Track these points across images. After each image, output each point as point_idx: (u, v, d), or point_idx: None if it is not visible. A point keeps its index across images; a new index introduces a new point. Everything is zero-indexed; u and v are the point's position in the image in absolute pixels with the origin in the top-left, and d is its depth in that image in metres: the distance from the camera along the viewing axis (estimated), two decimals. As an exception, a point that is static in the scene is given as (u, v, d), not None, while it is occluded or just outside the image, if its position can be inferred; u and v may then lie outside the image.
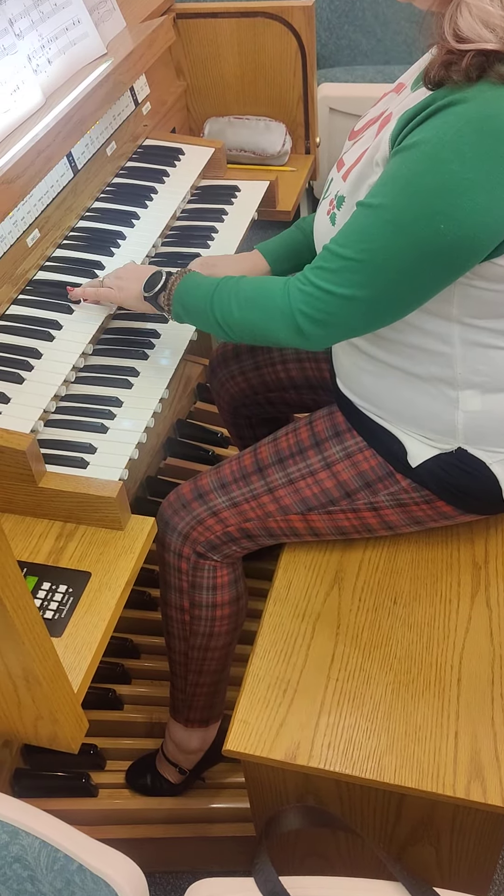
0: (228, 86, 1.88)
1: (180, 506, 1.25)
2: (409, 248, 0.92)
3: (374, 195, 0.95)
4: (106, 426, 1.19)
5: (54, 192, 1.40)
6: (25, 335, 1.26)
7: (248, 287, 1.11)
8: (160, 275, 1.21)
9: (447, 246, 0.90)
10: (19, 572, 0.79)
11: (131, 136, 1.66)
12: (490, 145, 0.85)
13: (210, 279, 1.17)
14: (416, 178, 0.89)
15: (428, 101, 0.89)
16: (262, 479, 1.21)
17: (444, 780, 1.01)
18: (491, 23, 0.84)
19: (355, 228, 0.97)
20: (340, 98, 2.50)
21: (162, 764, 1.51)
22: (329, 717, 1.09)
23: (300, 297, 1.03)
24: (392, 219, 0.92)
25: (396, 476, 1.16)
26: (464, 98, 0.86)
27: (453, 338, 1.05)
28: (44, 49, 1.36)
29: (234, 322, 1.11)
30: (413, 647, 1.15)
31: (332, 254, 0.99)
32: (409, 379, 1.11)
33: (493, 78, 0.85)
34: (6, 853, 0.86)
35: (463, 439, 1.13)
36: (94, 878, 0.83)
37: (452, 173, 0.87)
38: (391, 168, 0.93)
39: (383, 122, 1.02)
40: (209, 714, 1.43)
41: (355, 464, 1.17)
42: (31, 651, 0.84)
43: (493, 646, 1.14)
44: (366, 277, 0.97)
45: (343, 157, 1.11)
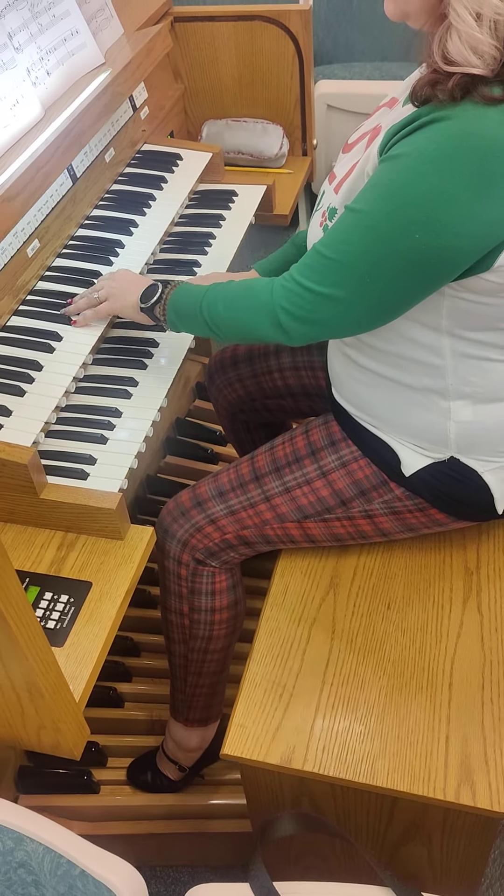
0: (226, 88, 1.89)
1: (179, 513, 1.28)
2: (386, 255, 0.96)
3: (358, 201, 0.98)
4: (105, 437, 1.21)
5: (53, 202, 1.42)
6: (26, 347, 1.28)
7: (234, 286, 1.16)
8: (156, 287, 1.24)
9: (422, 256, 0.93)
10: (22, 590, 0.82)
11: (130, 141, 1.67)
12: (469, 162, 0.88)
13: (200, 286, 1.22)
14: (396, 188, 0.93)
15: (414, 116, 0.92)
16: (258, 487, 1.24)
17: (435, 783, 1.04)
18: (479, 49, 0.86)
19: (339, 231, 1.01)
20: (338, 95, 2.50)
21: (162, 761, 1.54)
22: (324, 721, 1.12)
23: (283, 293, 1.07)
24: (371, 225, 0.96)
25: (390, 484, 1.19)
26: (447, 115, 0.88)
27: (444, 349, 1.07)
28: (42, 61, 1.37)
29: (221, 320, 1.15)
30: (406, 651, 1.18)
31: (317, 253, 1.03)
32: (401, 389, 1.13)
33: (476, 98, 0.87)
34: (11, 859, 0.90)
35: (455, 449, 1.15)
36: (96, 883, 0.86)
37: (431, 186, 0.90)
38: (375, 176, 0.97)
39: (373, 136, 1.04)
40: (208, 714, 1.46)
41: (350, 472, 1.20)
42: (34, 665, 0.86)
43: (484, 651, 1.16)
44: (344, 278, 1.00)
45: (335, 169, 1.14)
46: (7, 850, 0.90)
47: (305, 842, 1.16)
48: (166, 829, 1.53)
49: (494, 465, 1.16)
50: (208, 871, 1.61)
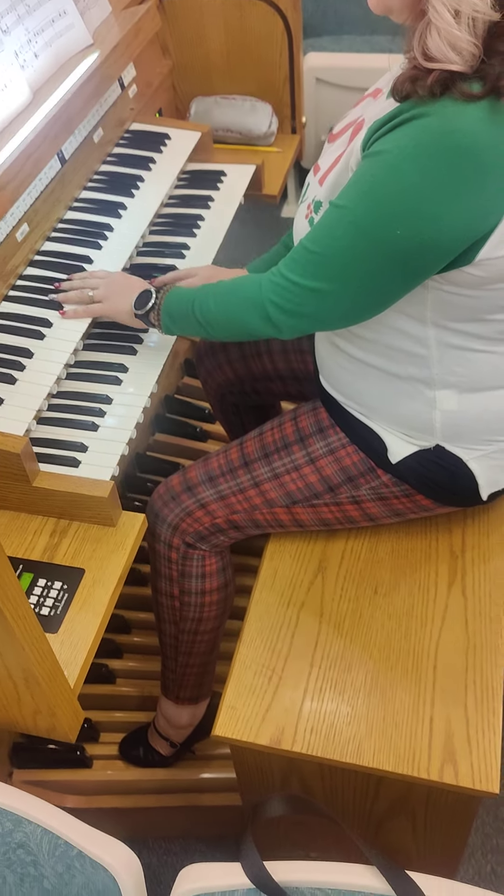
0: (214, 65, 1.88)
1: (170, 498, 1.30)
2: (368, 250, 0.98)
3: (341, 197, 1.00)
4: (97, 424, 1.23)
5: (42, 185, 1.41)
6: (17, 334, 1.29)
7: (224, 285, 1.18)
8: (150, 293, 1.26)
9: (404, 250, 0.95)
10: (18, 584, 0.84)
11: (118, 121, 1.66)
12: (448, 159, 0.89)
13: (191, 288, 1.24)
14: (377, 185, 0.94)
15: (395, 113, 0.93)
16: (248, 473, 1.26)
17: (420, 763, 1.08)
18: (457, 46, 0.87)
19: (324, 226, 1.03)
20: (327, 68, 2.48)
21: (153, 737, 1.58)
22: (312, 702, 1.15)
23: (271, 287, 1.09)
24: (354, 221, 0.97)
25: (377, 471, 1.21)
26: (427, 112, 0.89)
27: (429, 340, 1.09)
28: (30, 43, 1.36)
29: (213, 317, 1.18)
30: (392, 635, 1.21)
31: (303, 248, 1.05)
32: (387, 378, 1.15)
33: (455, 95, 0.88)
34: (10, 840, 0.93)
35: (441, 437, 1.17)
36: (93, 864, 0.89)
37: (411, 183, 0.91)
38: (357, 173, 0.98)
39: (357, 129, 1.05)
40: (199, 692, 1.49)
41: (338, 459, 1.22)
42: (30, 655, 0.88)
43: (468, 634, 1.20)
44: (331, 272, 1.02)
45: (319, 161, 1.14)
46: (6, 832, 0.93)
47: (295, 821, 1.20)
48: (158, 802, 1.57)
49: (479, 453, 1.18)
50: (199, 843, 1.66)
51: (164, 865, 1.64)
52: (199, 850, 1.65)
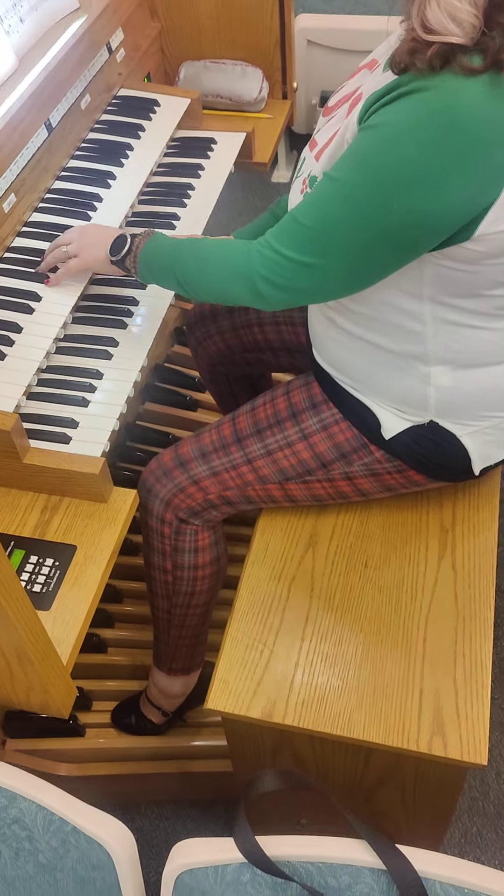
0: (204, 28, 1.84)
1: (162, 473, 1.30)
2: (361, 223, 0.96)
3: (335, 169, 0.98)
4: (87, 399, 1.22)
5: (29, 154, 1.38)
6: (5, 308, 1.27)
7: (209, 247, 1.15)
8: (125, 238, 1.23)
9: (399, 225, 0.94)
10: (10, 566, 0.84)
11: (106, 86, 1.63)
12: (446, 134, 0.88)
13: (173, 239, 1.21)
14: (373, 157, 0.93)
15: (393, 85, 0.91)
16: (241, 449, 1.26)
17: (409, 735, 1.10)
18: (458, 17, 0.85)
19: (316, 199, 1.01)
20: (318, 30, 2.43)
21: (146, 706, 1.59)
22: (303, 676, 1.16)
23: (261, 260, 1.07)
24: (348, 193, 0.96)
25: (370, 447, 1.21)
26: (426, 86, 0.87)
27: (425, 316, 1.08)
28: (15, 7, 1.32)
29: (194, 280, 1.16)
30: (382, 608, 1.22)
31: (295, 221, 1.03)
32: (382, 354, 1.14)
33: (455, 69, 0.86)
34: (5, 815, 0.94)
35: (434, 413, 1.17)
36: (88, 839, 0.91)
37: (408, 158, 0.90)
38: (353, 145, 0.97)
39: (354, 102, 1.03)
40: (191, 663, 1.51)
41: (331, 435, 1.22)
42: (23, 634, 0.89)
43: (458, 608, 1.21)
44: (323, 247, 1.01)
45: (315, 136, 1.12)
46: (1, 808, 0.94)
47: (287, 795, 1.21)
48: (150, 769, 1.60)
49: (473, 429, 1.18)
50: (191, 807, 1.69)
51: (155, 829, 1.67)
52: (190, 814, 1.68)
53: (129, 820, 1.67)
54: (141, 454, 1.97)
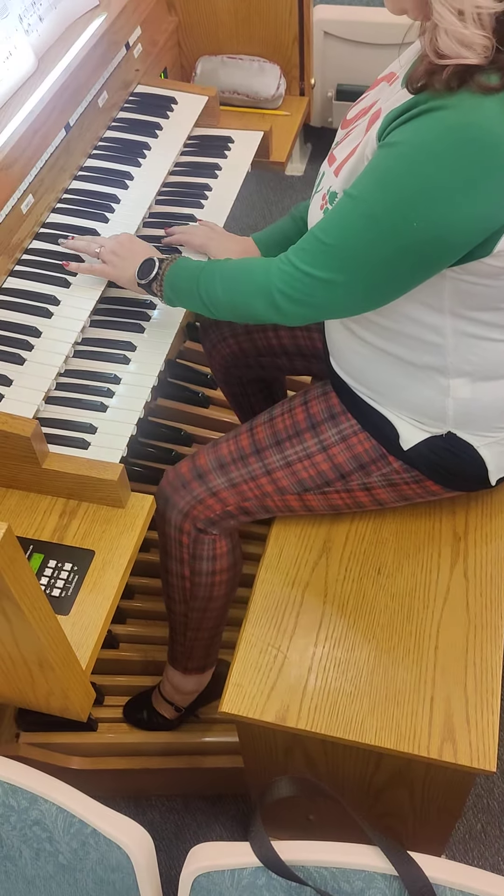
0: (221, 23, 1.83)
1: (180, 485, 1.30)
2: (382, 241, 0.97)
3: (356, 186, 0.99)
4: (105, 405, 1.23)
5: (47, 154, 1.38)
6: (24, 311, 1.28)
7: (231, 266, 1.17)
8: (153, 263, 1.24)
9: (419, 242, 0.95)
10: (34, 578, 0.85)
11: (123, 83, 1.62)
12: (466, 152, 0.88)
13: (197, 262, 1.23)
14: (393, 176, 0.94)
15: (412, 103, 0.92)
16: (259, 460, 1.27)
17: (420, 741, 1.12)
18: (467, 42, 0.86)
19: (337, 216, 1.02)
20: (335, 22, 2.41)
21: (158, 701, 1.62)
22: (316, 680, 1.18)
23: (280, 276, 1.08)
24: (368, 211, 0.97)
25: (389, 458, 1.22)
26: (445, 105, 0.88)
27: (445, 329, 1.09)
28: (35, 6, 1.32)
29: (218, 299, 1.17)
30: (395, 615, 1.23)
31: (315, 238, 1.04)
32: (401, 365, 1.15)
33: (473, 87, 0.87)
34: (26, 817, 0.96)
35: (453, 424, 1.18)
36: (107, 842, 0.93)
37: (428, 176, 0.90)
38: (373, 162, 0.97)
39: (373, 118, 1.04)
40: (205, 662, 1.53)
41: (350, 447, 1.23)
42: (45, 642, 0.90)
43: (469, 615, 1.22)
44: (343, 263, 1.01)
45: (334, 151, 1.13)
46: (22, 809, 0.96)
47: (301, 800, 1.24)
48: (162, 764, 1.62)
49: (490, 440, 1.19)
50: (201, 801, 1.72)
51: (166, 822, 1.69)
52: (200, 807, 1.71)
53: (141, 813, 1.70)
54: (153, 450, 1.98)
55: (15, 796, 0.96)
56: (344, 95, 2.68)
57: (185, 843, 1.66)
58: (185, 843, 1.66)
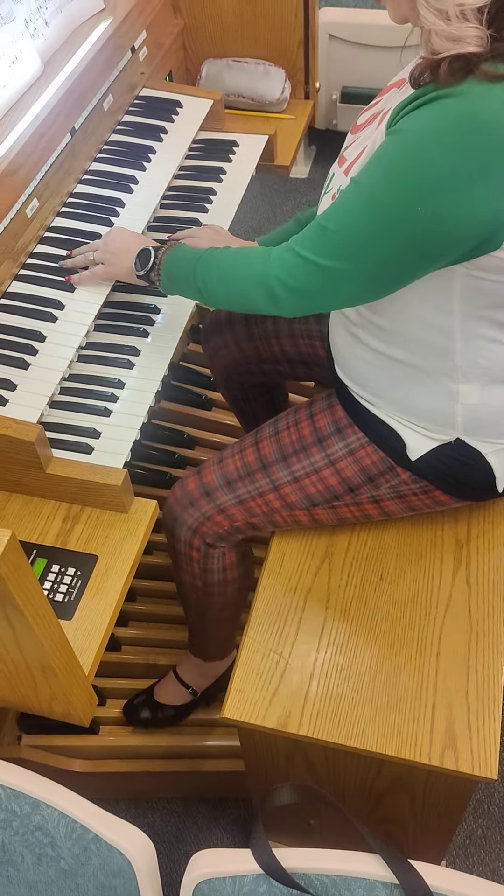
0: (227, 26, 1.83)
1: (188, 503, 1.30)
2: (384, 227, 0.95)
3: (361, 173, 0.98)
4: (109, 409, 1.23)
5: (52, 158, 1.38)
6: (28, 315, 1.28)
7: (229, 255, 1.16)
8: (149, 252, 1.24)
9: (423, 230, 0.93)
10: (38, 584, 0.85)
11: (128, 86, 1.62)
12: (473, 140, 0.87)
13: (195, 249, 1.22)
14: (399, 162, 0.92)
15: (420, 93, 0.91)
16: (266, 476, 1.26)
17: (421, 748, 1.12)
18: (459, 37, 0.87)
19: (341, 202, 1.00)
20: (340, 24, 2.41)
21: (167, 691, 1.64)
22: (318, 687, 1.18)
23: (280, 264, 1.07)
24: (372, 196, 0.95)
25: (397, 469, 1.21)
26: (452, 93, 0.88)
27: (454, 331, 1.07)
28: (41, 10, 1.32)
29: (214, 287, 1.16)
30: (397, 622, 1.23)
31: (318, 225, 1.02)
32: (409, 370, 1.14)
33: (480, 76, 0.87)
34: (28, 822, 0.96)
35: (462, 430, 1.17)
36: (109, 847, 0.93)
37: (433, 163, 0.89)
38: (379, 149, 0.96)
39: (382, 118, 1.03)
40: (224, 650, 1.59)
41: (358, 460, 1.22)
42: (48, 649, 0.91)
43: (471, 622, 1.22)
44: (344, 250, 1.00)
45: (344, 153, 1.12)
46: (25, 814, 0.96)
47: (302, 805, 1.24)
48: (163, 767, 1.62)
49: (498, 447, 1.18)
50: (201, 804, 1.72)
51: (167, 825, 1.70)
52: (201, 810, 1.71)
53: (141, 815, 1.70)
54: (155, 452, 1.99)
55: (17, 801, 0.96)
56: (349, 98, 2.68)
57: (185, 846, 1.67)
58: (185, 846, 1.67)
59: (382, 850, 0.92)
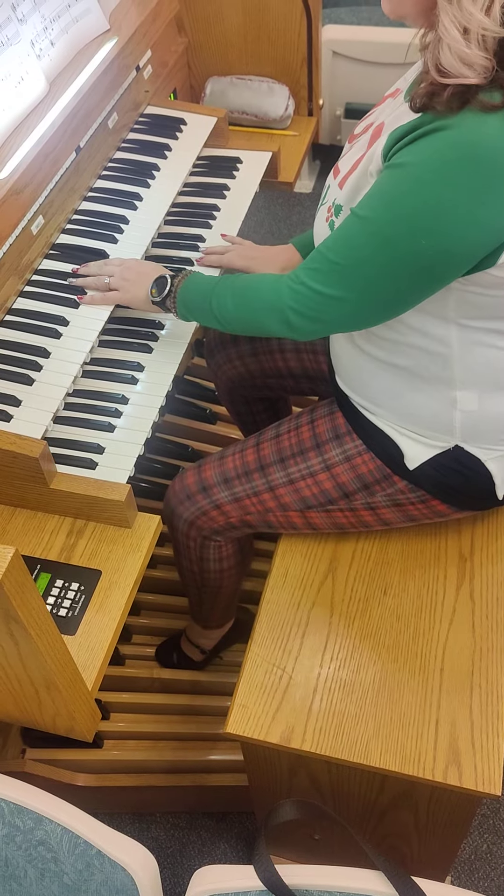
0: (231, 44, 1.85)
1: (185, 497, 1.32)
2: (391, 261, 0.98)
3: (363, 206, 1.00)
4: (113, 425, 1.24)
5: (58, 177, 1.39)
6: (33, 332, 1.29)
7: (242, 284, 1.19)
8: (165, 280, 1.26)
9: (427, 260, 0.96)
10: (42, 603, 0.86)
11: (133, 104, 1.64)
12: (471, 170, 0.89)
13: (210, 278, 1.25)
14: (402, 196, 0.95)
15: (416, 124, 0.93)
16: (263, 477, 1.28)
17: (425, 764, 1.12)
18: (469, 61, 0.87)
19: (344, 235, 1.03)
20: (344, 42, 2.43)
21: (186, 645, 1.71)
22: (321, 702, 1.18)
23: (290, 294, 1.10)
24: (377, 232, 0.98)
25: (394, 478, 1.22)
26: (448, 125, 0.89)
27: (451, 339, 1.09)
28: (46, 31, 1.34)
29: (231, 316, 1.20)
30: (400, 636, 1.24)
31: (323, 256, 1.05)
32: (407, 378, 1.16)
33: (476, 106, 0.88)
34: (31, 837, 0.96)
35: (460, 437, 1.18)
36: (112, 863, 0.93)
37: (435, 195, 0.92)
38: (380, 182, 0.98)
39: (376, 131, 1.05)
40: (223, 620, 1.65)
41: (354, 467, 1.23)
42: (52, 666, 0.91)
43: (475, 638, 1.22)
44: (352, 281, 1.03)
45: (339, 163, 1.14)
46: (28, 829, 0.96)
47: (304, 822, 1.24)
48: (167, 781, 1.62)
49: (497, 454, 1.19)
50: (205, 818, 1.71)
51: (170, 839, 1.69)
52: (204, 824, 1.71)
53: (145, 829, 1.70)
54: (159, 466, 1.99)
55: (21, 816, 0.97)
56: (352, 113, 2.70)
57: (189, 860, 1.66)
58: (189, 860, 1.66)
59: (386, 866, 0.92)
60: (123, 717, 1.69)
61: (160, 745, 1.66)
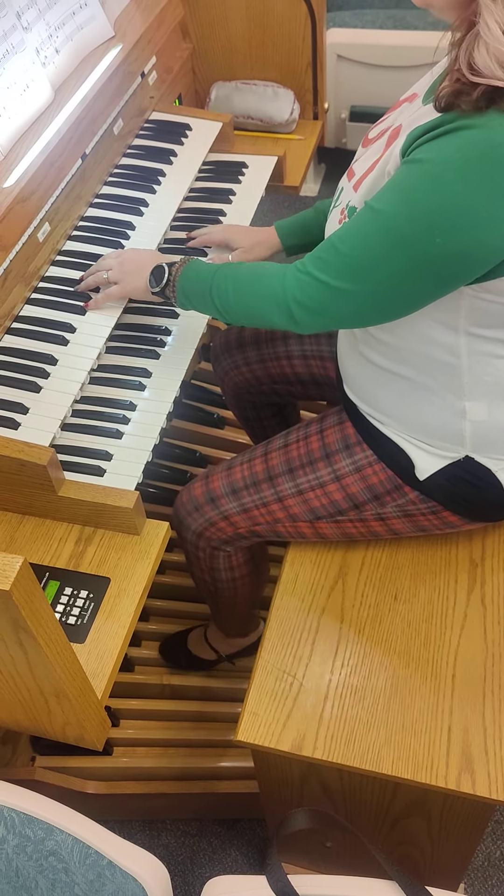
0: (236, 49, 1.85)
1: (193, 508, 1.31)
2: (403, 257, 0.96)
3: (378, 200, 0.98)
4: (121, 432, 1.24)
5: (64, 184, 1.39)
6: (40, 339, 1.29)
7: (245, 272, 1.16)
8: (163, 268, 1.25)
9: (442, 259, 0.94)
10: (52, 613, 0.85)
11: (138, 110, 1.64)
12: (493, 172, 0.88)
13: (210, 265, 1.23)
14: (419, 193, 0.92)
15: (438, 122, 0.91)
16: (272, 487, 1.27)
17: (437, 772, 1.11)
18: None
19: (357, 227, 1.00)
20: (349, 45, 2.42)
21: (200, 644, 1.71)
22: (332, 709, 1.17)
23: (296, 284, 1.07)
24: (392, 227, 0.95)
25: (404, 489, 1.21)
26: (473, 124, 0.88)
27: (460, 348, 1.08)
28: (51, 39, 1.34)
29: (231, 305, 1.17)
30: (411, 643, 1.23)
31: (333, 247, 1.03)
32: (416, 388, 1.14)
33: (502, 107, 0.87)
34: (42, 847, 0.96)
35: (470, 447, 1.16)
36: (123, 873, 0.93)
37: (454, 194, 0.90)
38: (397, 177, 0.96)
39: (393, 134, 1.03)
40: (246, 629, 1.64)
41: (364, 477, 1.22)
42: (62, 675, 0.91)
43: (487, 643, 1.21)
44: (360, 274, 1.00)
45: (353, 166, 1.13)
46: (38, 840, 0.96)
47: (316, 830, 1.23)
48: (177, 789, 1.62)
49: None
50: (216, 825, 1.71)
51: (181, 846, 1.69)
52: (215, 831, 1.70)
53: (155, 836, 1.69)
54: (167, 471, 1.99)
55: (31, 826, 0.96)
56: (357, 117, 2.70)
57: (200, 867, 1.66)
58: (200, 867, 1.66)
59: (399, 876, 0.91)
60: (133, 723, 1.69)
61: (170, 752, 1.65)
